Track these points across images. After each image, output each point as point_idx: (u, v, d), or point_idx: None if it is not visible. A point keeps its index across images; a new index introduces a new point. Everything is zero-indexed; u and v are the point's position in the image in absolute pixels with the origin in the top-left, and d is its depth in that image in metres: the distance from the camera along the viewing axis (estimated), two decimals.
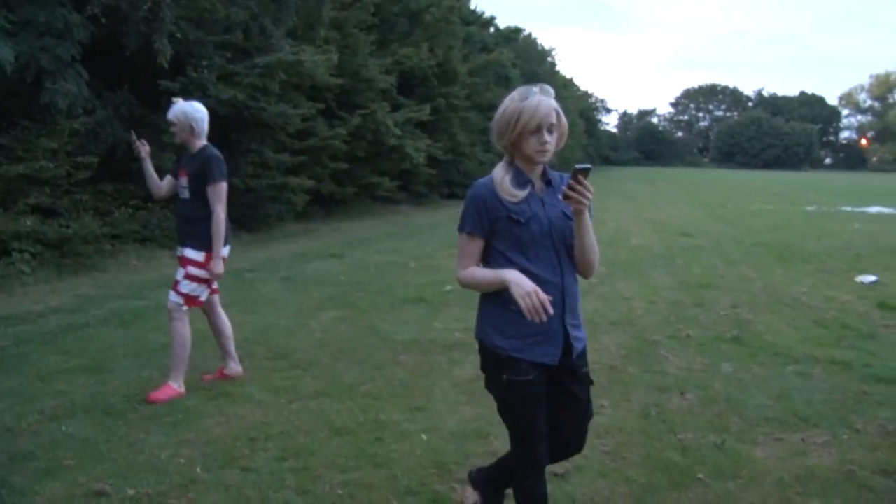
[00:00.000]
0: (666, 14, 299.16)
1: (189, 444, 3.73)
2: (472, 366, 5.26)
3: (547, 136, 2.40)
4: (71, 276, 8.78)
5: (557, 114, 2.43)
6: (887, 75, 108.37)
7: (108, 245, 9.95)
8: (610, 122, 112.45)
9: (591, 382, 2.64)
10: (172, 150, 11.14)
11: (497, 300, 2.44)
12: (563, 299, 2.45)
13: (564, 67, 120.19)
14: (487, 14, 36.13)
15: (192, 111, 4.48)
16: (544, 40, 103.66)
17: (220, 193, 4.41)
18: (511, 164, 2.50)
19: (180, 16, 10.98)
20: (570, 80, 65.56)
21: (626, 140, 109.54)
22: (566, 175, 2.45)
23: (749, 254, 11.78)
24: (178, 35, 10.91)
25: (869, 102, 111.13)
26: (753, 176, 63.03)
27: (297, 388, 4.66)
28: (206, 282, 4.50)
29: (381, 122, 17.08)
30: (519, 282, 2.31)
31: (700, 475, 3.50)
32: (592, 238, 2.44)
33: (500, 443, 3.81)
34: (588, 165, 2.30)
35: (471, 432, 3.97)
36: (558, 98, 2.49)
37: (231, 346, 4.84)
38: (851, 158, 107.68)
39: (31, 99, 9.09)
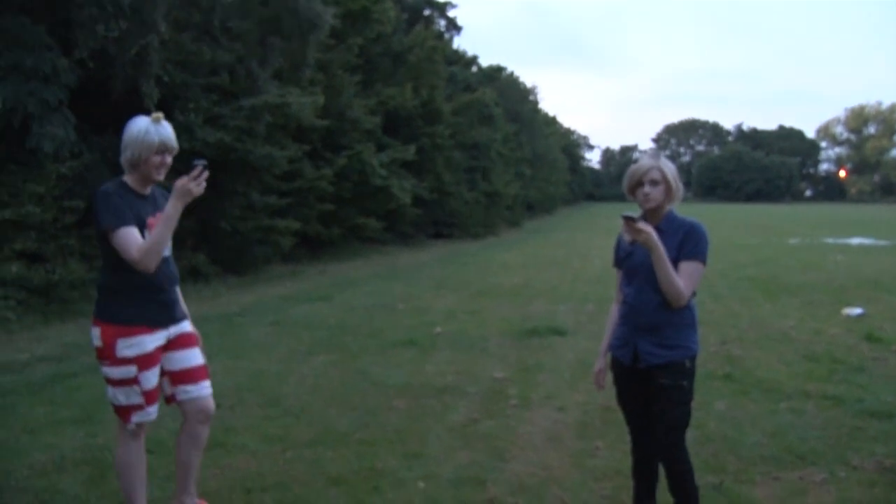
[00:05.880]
0: (643, 52, 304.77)
1: None
2: (465, 409, 5.22)
3: (647, 188, 2.97)
4: (57, 323, 8.66)
5: (660, 170, 2.96)
6: (861, 108, 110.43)
7: (95, 291, 9.79)
8: (593, 159, 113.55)
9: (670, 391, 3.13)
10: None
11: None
12: (635, 318, 3.06)
13: (547, 105, 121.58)
14: (470, 53, 36.70)
15: None
16: (526, 79, 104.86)
17: None
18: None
19: (167, 58, 11.05)
20: (553, 118, 66.29)
21: (608, 176, 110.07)
22: (685, 225, 3.00)
23: (736, 288, 11.85)
24: (165, 78, 10.96)
25: (846, 135, 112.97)
26: (736, 209, 63.64)
27: (291, 437, 4.60)
28: None
29: (366, 163, 17.17)
30: None
31: None
32: (662, 273, 2.90)
33: (497, 489, 3.78)
34: (631, 214, 2.85)
35: (467, 479, 3.93)
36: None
37: None
38: (831, 190, 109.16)
39: (17, 143, 9.05)
